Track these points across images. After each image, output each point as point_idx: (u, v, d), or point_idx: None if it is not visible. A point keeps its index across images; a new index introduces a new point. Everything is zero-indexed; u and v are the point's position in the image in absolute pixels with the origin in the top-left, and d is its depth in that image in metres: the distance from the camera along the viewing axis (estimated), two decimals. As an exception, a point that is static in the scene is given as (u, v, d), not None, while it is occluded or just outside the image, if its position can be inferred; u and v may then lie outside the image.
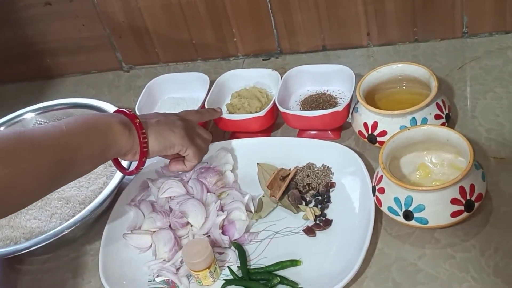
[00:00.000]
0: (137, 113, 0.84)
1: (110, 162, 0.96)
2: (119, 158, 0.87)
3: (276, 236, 0.89)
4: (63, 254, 0.96)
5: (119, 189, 0.97)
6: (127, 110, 0.83)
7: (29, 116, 1.12)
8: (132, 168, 0.88)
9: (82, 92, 1.30)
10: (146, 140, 0.82)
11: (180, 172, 0.95)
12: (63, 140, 0.74)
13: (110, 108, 1.06)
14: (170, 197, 0.94)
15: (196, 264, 0.82)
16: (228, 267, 0.86)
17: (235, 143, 1.01)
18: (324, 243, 0.86)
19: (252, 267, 0.85)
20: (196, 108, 1.03)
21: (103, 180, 0.98)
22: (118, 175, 0.94)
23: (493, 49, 1.09)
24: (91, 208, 0.91)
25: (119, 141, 0.79)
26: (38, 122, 1.11)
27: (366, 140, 0.93)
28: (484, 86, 1.02)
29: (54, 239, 0.89)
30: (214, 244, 0.88)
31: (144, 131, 0.82)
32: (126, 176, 0.95)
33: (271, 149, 0.99)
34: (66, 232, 0.90)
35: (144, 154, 0.82)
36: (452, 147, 0.83)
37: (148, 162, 0.87)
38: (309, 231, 0.87)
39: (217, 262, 0.85)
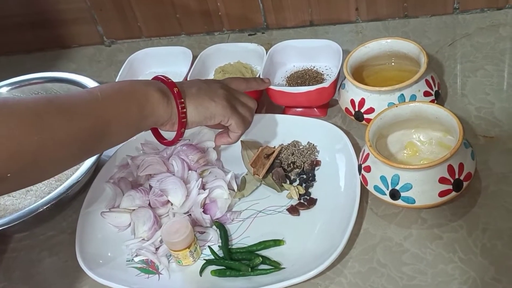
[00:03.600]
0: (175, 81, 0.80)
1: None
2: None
3: (259, 215, 0.86)
4: (39, 232, 0.93)
5: (98, 166, 0.94)
6: (165, 78, 0.78)
7: (4, 90, 1.09)
8: (170, 138, 0.82)
9: (62, 67, 1.27)
10: (185, 110, 0.77)
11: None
12: (98, 108, 0.69)
13: (90, 82, 1.03)
14: (150, 174, 0.91)
15: (176, 244, 0.80)
16: (209, 246, 0.83)
17: (218, 119, 0.98)
18: (308, 222, 0.83)
19: (234, 247, 0.83)
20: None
21: (81, 156, 0.94)
22: (96, 151, 0.91)
23: (484, 25, 1.06)
24: (68, 185, 0.88)
25: (156, 110, 0.75)
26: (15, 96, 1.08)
27: (352, 117, 0.91)
28: (475, 63, 1.00)
29: (29, 217, 0.86)
30: (195, 223, 0.86)
31: (182, 100, 0.77)
32: (105, 153, 0.92)
33: (255, 126, 0.95)
34: (41, 210, 0.87)
35: (183, 125, 0.78)
36: (441, 125, 0.81)
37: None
38: (293, 210, 0.85)
39: (197, 242, 0.83)
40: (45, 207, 0.87)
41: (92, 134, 0.69)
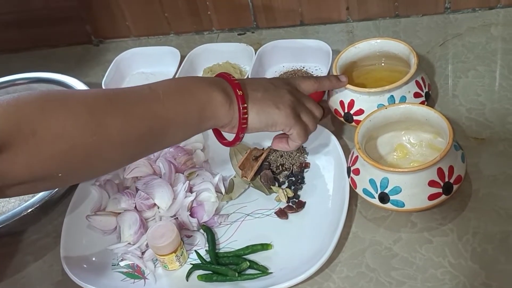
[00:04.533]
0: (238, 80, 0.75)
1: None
2: None
3: (247, 219, 0.85)
4: (24, 236, 0.91)
5: (83, 168, 0.92)
6: (230, 78, 0.74)
7: (-12, 90, 1.07)
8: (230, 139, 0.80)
9: (50, 66, 1.24)
10: (246, 116, 0.74)
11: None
12: (158, 108, 0.67)
13: (76, 83, 1.01)
14: (137, 177, 0.89)
15: (162, 248, 0.78)
16: (196, 251, 0.82)
17: (207, 121, 0.96)
18: (297, 226, 0.82)
19: (221, 251, 0.82)
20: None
21: (66, 158, 0.93)
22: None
23: (476, 25, 1.05)
24: (52, 188, 0.86)
25: (217, 113, 0.72)
26: None
27: (342, 119, 0.89)
28: (466, 64, 0.99)
29: (13, 220, 0.85)
30: (182, 226, 0.85)
31: (245, 105, 0.73)
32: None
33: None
34: (26, 213, 0.85)
35: (243, 130, 0.75)
36: (431, 127, 0.80)
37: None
38: (282, 213, 0.84)
39: (184, 246, 0.82)
40: (29, 210, 0.86)
41: (149, 135, 0.67)
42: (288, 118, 0.76)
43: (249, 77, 0.95)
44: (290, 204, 0.85)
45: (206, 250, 0.82)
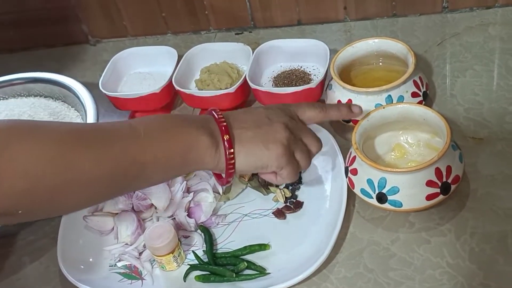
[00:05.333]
0: (218, 111, 0.69)
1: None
2: None
3: (245, 219, 0.85)
4: (20, 237, 0.91)
5: (80, 168, 0.92)
6: (219, 116, 0.68)
7: (-15, 91, 1.06)
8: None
9: (46, 66, 1.23)
10: (233, 162, 0.68)
11: None
12: (136, 148, 0.61)
13: (73, 83, 1.01)
14: (134, 177, 0.89)
15: (159, 249, 0.78)
16: (193, 251, 0.82)
17: (204, 121, 0.96)
18: (295, 226, 0.82)
19: (219, 251, 0.81)
20: (163, 84, 0.98)
21: (63, 159, 0.92)
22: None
23: (473, 25, 1.05)
24: (49, 189, 0.86)
25: (203, 158, 0.66)
26: (-4, 97, 1.06)
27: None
28: (464, 63, 0.98)
29: (9, 221, 0.84)
30: (179, 227, 0.84)
31: (232, 150, 0.67)
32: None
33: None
34: (22, 214, 0.85)
35: (230, 175, 0.69)
36: (429, 126, 0.79)
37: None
38: (279, 213, 0.84)
39: (181, 246, 0.81)
40: (26, 211, 0.85)
41: (124, 177, 0.62)
42: (278, 159, 0.70)
43: (247, 77, 0.94)
44: (288, 204, 0.85)
45: (203, 250, 0.82)
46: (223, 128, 0.68)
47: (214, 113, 0.69)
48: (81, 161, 0.58)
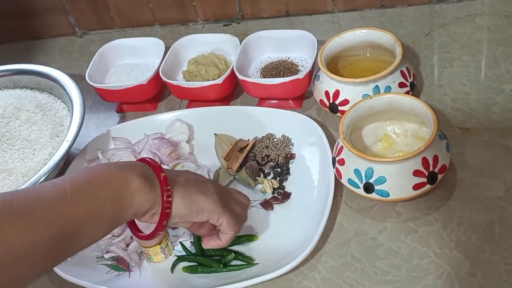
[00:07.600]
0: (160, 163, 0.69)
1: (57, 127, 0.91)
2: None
3: (233, 210, 0.84)
4: (6, 229, 0.90)
5: (67, 160, 0.91)
6: (152, 161, 0.67)
7: (-30, 83, 1.05)
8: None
9: (32, 58, 1.23)
10: (171, 199, 0.66)
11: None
12: (65, 207, 0.59)
13: (59, 75, 1.00)
14: (121, 169, 0.88)
15: (146, 240, 0.78)
16: (181, 242, 0.81)
17: (192, 112, 0.96)
18: (282, 217, 0.82)
19: (206, 242, 0.81)
20: (150, 75, 0.97)
21: (49, 150, 0.91)
22: (65, 145, 0.88)
23: (461, 15, 1.05)
24: (35, 180, 0.84)
25: (137, 199, 0.63)
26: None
27: (327, 109, 0.89)
28: (451, 54, 0.98)
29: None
30: (166, 218, 0.84)
31: (169, 188, 0.65)
32: (74, 146, 0.89)
33: (229, 118, 0.94)
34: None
35: (165, 217, 0.66)
36: (416, 116, 0.79)
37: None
38: (267, 204, 0.83)
39: (169, 238, 0.81)
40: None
41: (59, 239, 0.58)
42: (215, 204, 0.69)
43: (234, 67, 0.94)
44: (276, 195, 0.84)
45: (191, 241, 0.81)
46: (157, 167, 0.66)
47: (147, 159, 0.68)
48: (10, 233, 0.55)
